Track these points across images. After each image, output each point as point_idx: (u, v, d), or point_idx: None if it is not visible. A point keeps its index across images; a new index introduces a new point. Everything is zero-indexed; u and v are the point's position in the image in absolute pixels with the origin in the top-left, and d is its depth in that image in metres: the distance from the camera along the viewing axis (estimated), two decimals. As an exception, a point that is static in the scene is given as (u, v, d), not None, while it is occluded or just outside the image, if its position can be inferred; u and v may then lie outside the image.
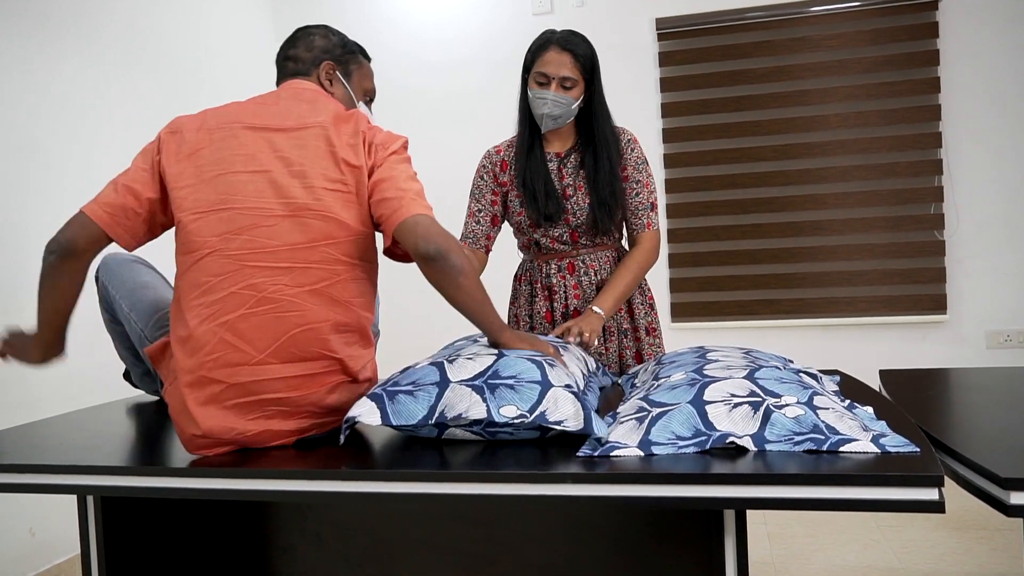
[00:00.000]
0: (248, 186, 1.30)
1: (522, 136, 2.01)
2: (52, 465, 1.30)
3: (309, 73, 1.51)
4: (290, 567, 1.73)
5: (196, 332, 1.28)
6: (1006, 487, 0.97)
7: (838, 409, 1.18)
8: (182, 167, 1.34)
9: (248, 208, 1.30)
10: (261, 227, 1.29)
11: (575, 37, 1.92)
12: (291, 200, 1.30)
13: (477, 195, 2.05)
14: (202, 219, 1.30)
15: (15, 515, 2.56)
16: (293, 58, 1.52)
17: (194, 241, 1.31)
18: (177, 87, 3.47)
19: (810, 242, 3.77)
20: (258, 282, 1.28)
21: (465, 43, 4.09)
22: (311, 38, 1.54)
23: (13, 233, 2.61)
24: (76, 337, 2.78)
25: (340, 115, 1.40)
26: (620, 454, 1.14)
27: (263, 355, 1.28)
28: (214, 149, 1.34)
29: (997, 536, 2.65)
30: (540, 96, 1.91)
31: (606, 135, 1.96)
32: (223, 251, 1.29)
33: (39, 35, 2.74)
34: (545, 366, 1.31)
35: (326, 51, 1.53)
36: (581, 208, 1.97)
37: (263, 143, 1.34)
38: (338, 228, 1.32)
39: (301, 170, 1.32)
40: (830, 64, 3.70)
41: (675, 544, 1.46)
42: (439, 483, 1.13)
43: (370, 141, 1.37)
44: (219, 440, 1.30)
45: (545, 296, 2.05)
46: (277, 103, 1.41)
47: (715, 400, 1.19)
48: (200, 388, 1.29)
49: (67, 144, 2.84)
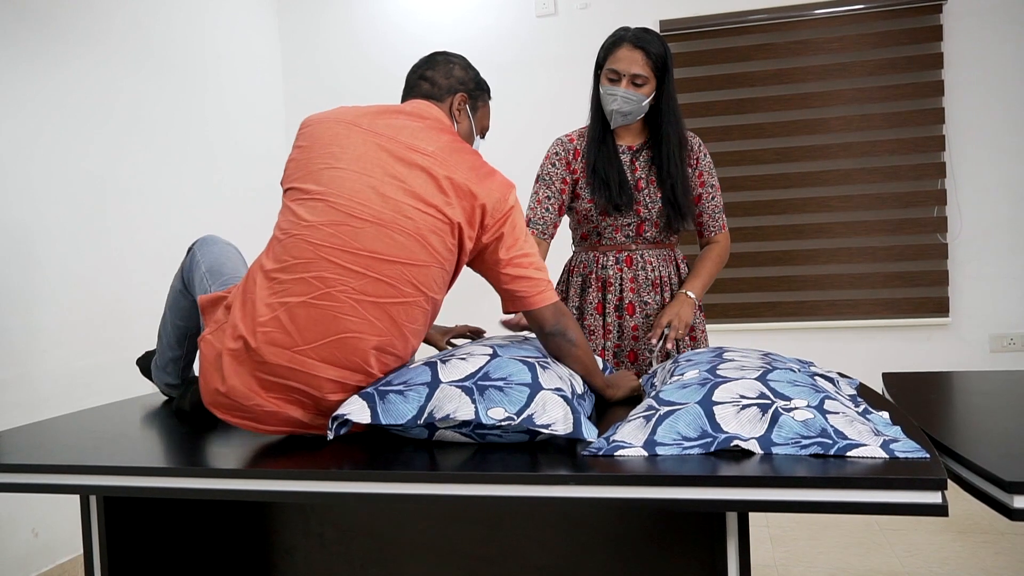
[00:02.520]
0: (347, 184, 1.34)
1: (594, 127, 2.02)
2: (55, 465, 1.30)
3: (441, 99, 1.54)
4: (292, 568, 1.73)
5: (260, 302, 1.32)
6: (1010, 491, 0.97)
7: (849, 414, 1.17)
8: (299, 153, 1.42)
9: (342, 205, 1.33)
10: (348, 226, 1.32)
11: (648, 35, 1.93)
12: (384, 211, 1.33)
13: (547, 181, 2.04)
14: (302, 204, 1.35)
15: (18, 515, 2.56)
16: (429, 80, 1.55)
17: (289, 221, 1.36)
18: (182, 88, 3.48)
19: (813, 245, 3.77)
20: (329, 277, 1.31)
21: (469, 45, 4.09)
22: (451, 66, 1.57)
23: (20, 233, 2.62)
24: (78, 338, 2.80)
25: (456, 147, 1.42)
26: (624, 454, 1.14)
27: (307, 347, 1.31)
28: (329, 142, 1.39)
29: (1001, 540, 2.65)
30: (610, 92, 1.93)
31: (671, 134, 1.98)
32: (308, 238, 1.32)
33: (44, 36, 2.75)
34: (537, 368, 1.31)
35: (462, 83, 1.56)
36: (653, 201, 2.00)
37: (374, 150, 1.37)
38: (421, 251, 1.34)
39: (402, 186, 1.34)
40: (834, 67, 3.70)
41: (677, 546, 1.46)
42: (441, 484, 1.13)
43: (483, 202, 1.38)
44: (236, 404, 1.33)
45: (599, 287, 2.06)
46: (398, 116, 1.44)
47: (724, 401, 1.19)
48: (241, 351, 1.32)
49: (72, 144, 2.85)
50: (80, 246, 2.86)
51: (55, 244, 2.75)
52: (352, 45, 4.24)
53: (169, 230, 3.32)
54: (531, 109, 3.98)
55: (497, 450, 1.24)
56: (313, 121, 1.44)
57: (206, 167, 3.62)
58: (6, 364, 2.56)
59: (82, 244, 2.87)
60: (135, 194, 3.15)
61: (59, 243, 2.77)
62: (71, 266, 2.81)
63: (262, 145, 4.12)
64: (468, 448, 1.26)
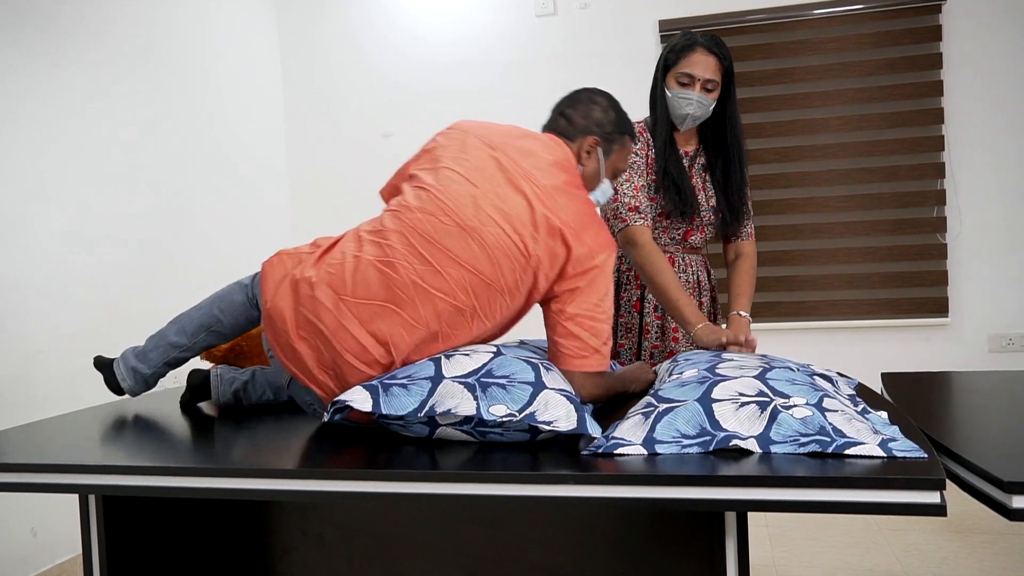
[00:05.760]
0: (453, 187, 1.43)
1: (663, 130, 1.99)
2: (54, 464, 1.30)
3: (573, 139, 1.57)
4: (292, 568, 1.73)
5: (339, 248, 1.44)
6: (1008, 491, 0.97)
7: (848, 412, 1.17)
8: (435, 149, 1.53)
9: (440, 202, 1.41)
10: (436, 219, 1.40)
11: (718, 42, 1.94)
12: (472, 219, 1.39)
13: (638, 170, 2.00)
14: (413, 190, 1.47)
15: (17, 515, 2.56)
16: (567, 117, 1.59)
17: (396, 199, 1.49)
18: (181, 87, 3.48)
19: (812, 245, 3.77)
20: (399, 250, 1.38)
21: (468, 45, 4.10)
22: (591, 107, 1.60)
23: (18, 231, 2.62)
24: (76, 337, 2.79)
25: (567, 190, 1.45)
26: (624, 452, 1.14)
27: (352, 300, 1.37)
28: (460, 149, 1.49)
29: (999, 540, 2.65)
30: (684, 96, 1.92)
31: (737, 142, 2.00)
32: (400, 215, 1.43)
33: (44, 35, 2.75)
34: (541, 368, 1.31)
35: (598, 125, 1.59)
36: (706, 209, 2.02)
37: (493, 166, 1.44)
38: (488, 267, 1.38)
39: (500, 205, 1.40)
40: (833, 67, 3.70)
41: (676, 545, 1.46)
42: (441, 483, 1.13)
43: (572, 250, 1.40)
44: (269, 319, 1.43)
45: (637, 285, 2.08)
46: (533, 143, 1.50)
47: (723, 399, 1.19)
48: (301, 281, 1.41)
49: (72, 143, 2.85)
50: (79, 244, 2.85)
51: (53, 242, 2.75)
52: (351, 44, 4.24)
53: (168, 228, 3.32)
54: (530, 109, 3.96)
55: (496, 449, 1.24)
56: (462, 128, 1.54)
57: (205, 166, 3.62)
58: (4, 363, 2.56)
59: (81, 242, 2.86)
60: (134, 193, 3.15)
61: (57, 241, 2.77)
62: (70, 264, 2.81)
63: (261, 144, 4.12)
64: (467, 447, 1.26)
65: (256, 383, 1.72)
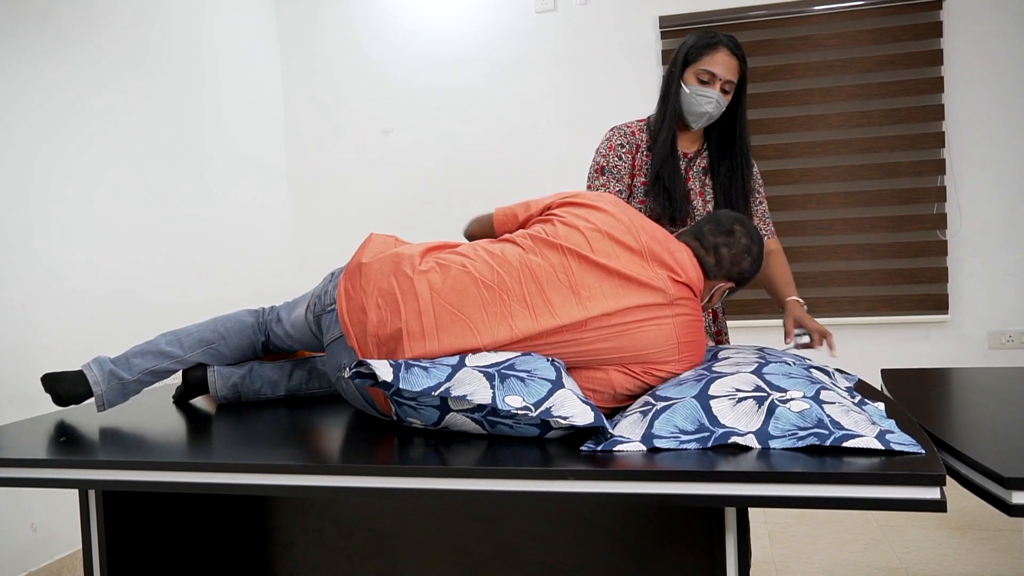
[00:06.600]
0: (575, 236, 1.47)
1: (667, 131, 1.96)
2: (53, 459, 1.30)
3: (710, 274, 1.54)
4: (292, 563, 1.73)
5: (454, 251, 1.50)
6: (1008, 486, 0.97)
7: (845, 404, 1.17)
8: (589, 206, 1.54)
9: (583, 247, 1.45)
10: (554, 275, 1.42)
11: (738, 43, 1.93)
12: (585, 292, 1.40)
13: (616, 175, 1.98)
14: (548, 231, 1.50)
15: (16, 510, 2.56)
16: (717, 253, 1.54)
17: (531, 234, 1.51)
18: (180, 84, 3.47)
19: (812, 241, 3.76)
20: (509, 287, 1.41)
21: (468, 41, 4.09)
22: (744, 256, 1.55)
23: (17, 229, 2.62)
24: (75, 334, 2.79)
25: (668, 304, 1.44)
26: (623, 449, 1.14)
27: (441, 300, 1.40)
28: (622, 228, 1.49)
29: (999, 536, 2.65)
30: (704, 94, 1.89)
31: (744, 146, 1.99)
32: (527, 255, 1.46)
33: (42, 33, 2.75)
34: (562, 372, 1.32)
35: (741, 274, 1.56)
36: (701, 214, 1.99)
37: (635, 248, 1.46)
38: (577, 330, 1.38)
39: (611, 282, 1.42)
40: (833, 63, 3.69)
41: (676, 542, 1.46)
42: (441, 479, 1.13)
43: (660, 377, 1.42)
44: (357, 272, 1.48)
45: None
46: (679, 254, 1.48)
47: (720, 395, 1.19)
48: (406, 259, 1.46)
49: (70, 141, 2.84)
50: (77, 242, 2.85)
51: (52, 240, 2.75)
52: (350, 41, 4.23)
53: (166, 227, 3.32)
54: (530, 105, 3.97)
55: (496, 445, 1.24)
56: (630, 217, 1.52)
57: (205, 165, 3.61)
58: (4, 359, 2.56)
59: (79, 240, 2.86)
60: (133, 191, 3.14)
61: (56, 239, 2.76)
62: (69, 262, 2.81)
63: (260, 143, 4.12)
64: (467, 443, 1.26)
65: (253, 378, 1.72)
